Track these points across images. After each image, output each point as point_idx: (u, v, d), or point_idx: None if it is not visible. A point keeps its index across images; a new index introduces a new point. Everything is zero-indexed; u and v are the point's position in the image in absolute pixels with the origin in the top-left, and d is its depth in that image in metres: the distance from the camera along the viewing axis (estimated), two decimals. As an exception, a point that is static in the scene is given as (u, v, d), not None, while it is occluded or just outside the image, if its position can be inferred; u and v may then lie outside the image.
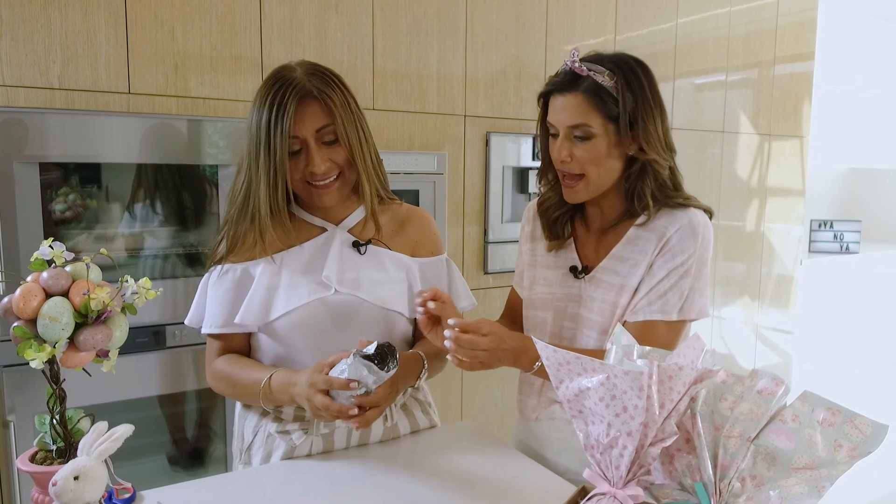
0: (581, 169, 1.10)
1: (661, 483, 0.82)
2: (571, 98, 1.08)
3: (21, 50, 1.76)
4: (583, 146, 1.09)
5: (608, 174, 1.12)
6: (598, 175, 1.11)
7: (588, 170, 1.10)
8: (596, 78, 1.07)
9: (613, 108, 1.07)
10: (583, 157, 1.09)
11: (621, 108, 1.07)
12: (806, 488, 0.73)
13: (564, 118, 1.09)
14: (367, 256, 1.16)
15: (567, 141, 1.10)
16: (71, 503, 0.78)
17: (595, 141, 1.08)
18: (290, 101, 1.05)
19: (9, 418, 1.81)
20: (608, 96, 1.07)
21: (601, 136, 1.08)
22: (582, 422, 0.80)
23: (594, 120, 1.08)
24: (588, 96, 1.07)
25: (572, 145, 1.09)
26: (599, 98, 1.07)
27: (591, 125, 1.08)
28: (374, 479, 1.07)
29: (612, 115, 1.08)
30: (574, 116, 1.08)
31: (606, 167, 1.11)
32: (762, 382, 0.83)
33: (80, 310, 0.82)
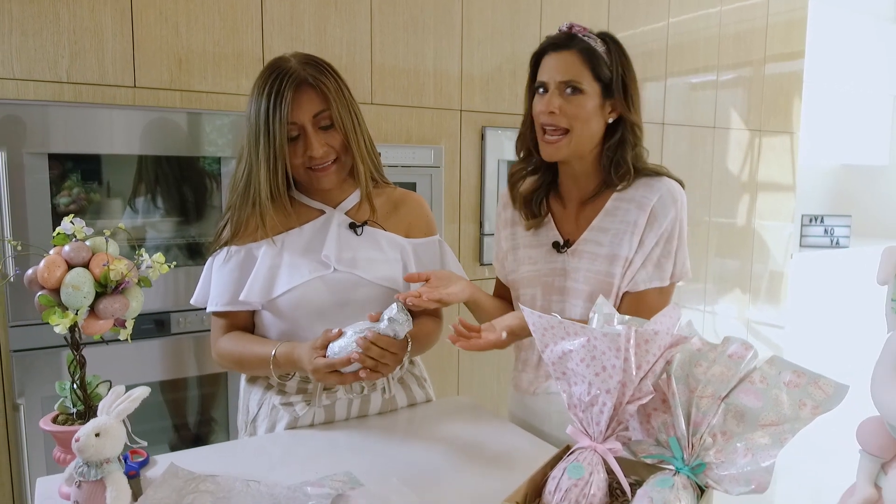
0: (567, 123, 1.15)
1: (638, 439, 0.88)
2: (567, 54, 1.14)
3: (31, 45, 1.82)
4: (571, 100, 1.14)
5: (590, 135, 1.17)
6: (581, 132, 1.16)
7: (573, 125, 1.15)
8: (589, 41, 1.14)
9: (605, 71, 1.14)
10: (570, 111, 1.14)
11: (614, 72, 1.14)
12: (770, 440, 0.80)
13: (557, 73, 1.15)
14: (363, 237, 1.22)
15: (557, 95, 1.15)
16: (92, 458, 0.84)
17: (584, 97, 1.14)
18: (287, 89, 1.11)
19: (18, 401, 1.87)
20: (600, 59, 1.14)
21: (590, 94, 1.14)
22: (566, 383, 0.87)
23: (585, 77, 1.14)
24: (582, 55, 1.14)
25: (562, 99, 1.15)
26: (592, 58, 1.14)
27: (581, 81, 1.14)
28: (373, 448, 1.13)
29: (602, 77, 1.14)
30: (567, 72, 1.14)
31: (590, 127, 1.16)
32: (733, 347, 0.89)
33: (100, 280, 0.88)
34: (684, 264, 1.20)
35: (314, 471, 1.01)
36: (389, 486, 0.97)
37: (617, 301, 1.18)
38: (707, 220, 3.48)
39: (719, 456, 0.82)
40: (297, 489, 0.93)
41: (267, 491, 0.93)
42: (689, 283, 3.46)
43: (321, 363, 1.03)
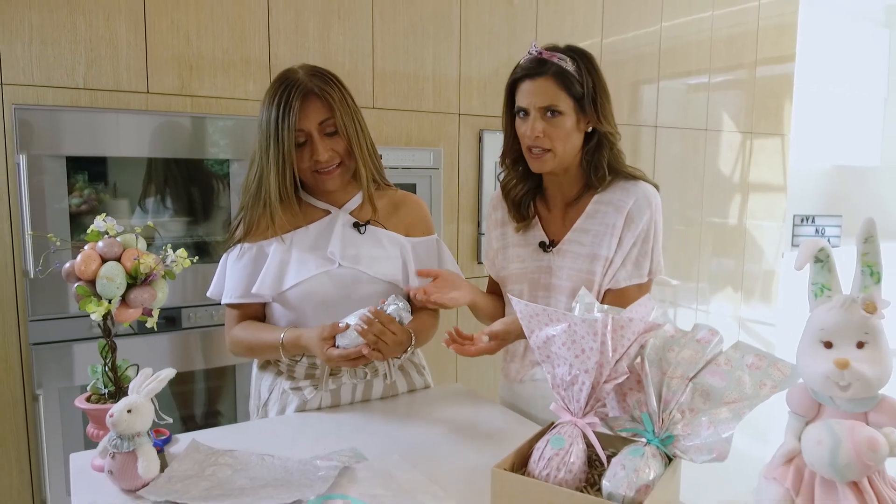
0: (550, 144, 1.26)
1: (615, 416, 0.98)
2: (542, 81, 1.24)
3: (50, 53, 1.92)
4: (552, 122, 1.25)
5: (572, 148, 1.28)
6: (563, 149, 1.26)
7: (556, 145, 1.25)
8: (561, 63, 1.23)
9: (577, 89, 1.24)
10: (553, 133, 1.25)
11: (585, 88, 1.23)
12: (730, 414, 0.89)
13: (537, 100, 1.25)
14: (366, 235, 1.32)
15: (539, 120, 1.25)
16: (125, 431, 0.93)
17: (563, 118, 1.25)
18: (295, 99, 1.21)
19: (37, 392, 1.96)
20: (573, 78, 1.23)
21: (568, 112, 1.25)
22: (550, 365, 0.96)
23: (562, 100, 1.24)
24: (556, 79, 1.23)
25: (544, 123, 1.25)
26: (566, 80, 1.23)
27: (559, 104, 1.24)
28: (376, 428, 1.22)
29: (576, 95, 1.24)
30: (545, 98, 1.24)
31: (571, 142, 1.27)
32: (701, 333, 0.99)
33: (131, 273, 0.98)
34: (659, 262, 1.31)
35: (322, 447, 1.11)
36: (391, 461, 1.07)
37: (599, 297, 1.28)
38: (700, 220, 3.57)
39: (686, 429, 0.91)
40: (308, 462, 1.03)
41: (280, 464, 1.03)
42: (682, 283, 3.56)
43: (335, 353, 1.14)
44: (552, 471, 0.89)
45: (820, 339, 0.57)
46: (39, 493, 2.02)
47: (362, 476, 1.00)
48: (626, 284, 1.27)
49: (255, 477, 0.98)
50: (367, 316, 1.13)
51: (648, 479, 0.85)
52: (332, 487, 0.95)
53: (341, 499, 0.92)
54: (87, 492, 0.96)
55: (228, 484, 0.96)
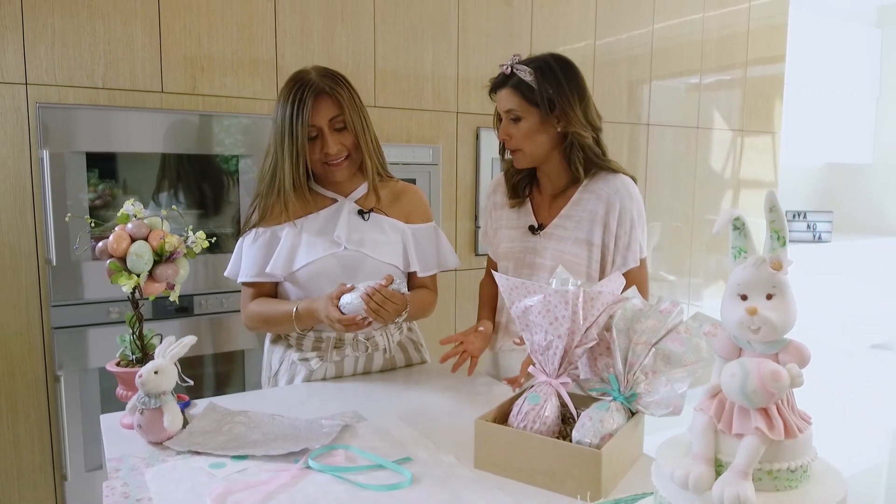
0: (517, 145, 1.42)
1: (586, 377, 1.10)
2: (504, 91, 1.42)
3: (70, 54, 2.04)
4: (516, 126, 1.41)
5: (539, 146, 1.43)
6: (530, 148, 1.42)
7: (522, 144, 1.42)
8: (520, 75, 1.39)
9: (532, 96, 1.39)
10: (516, 134, 1.42)
11: (542, 96, 1.38)
12: (685, 374, 1.01)
13: (501, 106, 1.43)
14: (370, 222, 1.44)
15: (507, 124, 1.43)
16: (152, 390, 1.05)
17: (523, 122, 1.41)
18: (308, 97, 1.34)
19: (58, 373, 2.09)
20: (529, 88, 1.38)
21: (527, 118, 1.40)
22: (528, 333, 1.08)
23: (521, 105, 1.40)
24: (514, 89, 1.40)
25: (509, 126, 1.42)
26: (522, 90, 1.39)
27: (517, 109, 1.40)
28: (376, 396, 1.34)
29: (533, 102, 1.39)
30: (506, 104, 1.42)
31: (536, 141, 1.42)
32: (664, 305, 1.11)
33: (157, 251, 1.10)
34: (642, 245, 1.45)
35: (326, 410, 1.23)
36: (388, 420, 1.19)
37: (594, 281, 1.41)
38: (692, 216, 3.68)
39: (647, 388, 1.03)
40: (314, 421, 1.15)
41: (289, 422, 1.15)
42: (676, 278, 3.67)
43: (335, 315, 1.25)
44: (529, 423, 1.01)
45: (737, 292, 0.69)
46: (60, 468, 2.14)
47: (362, 432, 1.13)
48: (625, 269, 1.42)
49: (267, 432, 1.11)
50: (372, 288, 1.25)
51: (612, 429, 0.97)
52: (335, 440, 1.07)
53: (343, 448, 1.04)
54: (118, 445, 1.08)
55: (243, 438, 1.08)
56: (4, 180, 2.00)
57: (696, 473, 0.65)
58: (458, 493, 0.93)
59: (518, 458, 0.96)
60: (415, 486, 0.95)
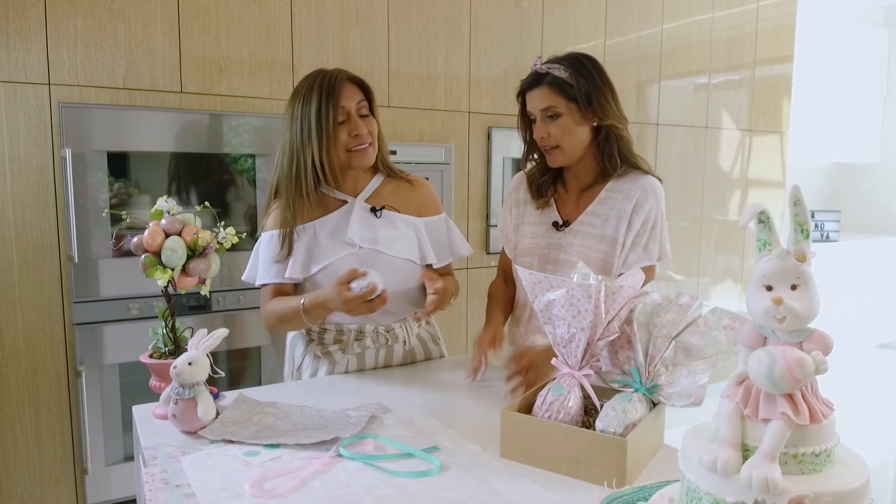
0: (556, 142, 1.43)
1: (608, 370, 1.13)
2: (539, 91, 1.42)
3: (92, 55, 2.08)
4: (554, 124, 1.42)
5: (579, 142, 1.45)
6: (570, 144, 1.44)
7: (561, 141, 1.43)
8: (554, 73, 1.40)
9: (571, 92, 1.40)
10: (555, 132, 1.42)
11: (579, 91, 1.40)
12: (705, 366, 1.04)
13: (538, 105, 1.43)
14: (382, 219, 1.47)
15: (543, 123, 1.43)
16: (186, 381, 1.09)
17: (563, 119, 1.42)
18: (338, 82, 1.40)
19: (80, 368, 2.13)
20: (566, 84, 1.40)
21: (566, 114, 1.42)
22: (551, 326, 1.11)
23: (559, 102, 1.41)
24: (551, 87, 1.41)
25: (547, 125, 1.43)
26: (559, 86, 1.41)
27: (556, 106, 1.41)
28: (397, 388, 1.37)
29: (571, 97, 1.41)
30: (542, 102, 1.42)
31: (576, 137, 1.44)
32: (683, 299, 1.14)
33: (190, 246, 1.13)
34: (665, 246, 1.48)
35: (350, 402, 1.26)
36: (412, 411, 1.22)
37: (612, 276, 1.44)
38: (700, 215, 3.70)
39: (668, 379, 1.06)
40: (341, 412, 1.18)
41: (317, 413, 1.18)
42: (684, 278, 3.69)
43: (351, 295, 1.27)
44: (553, 413, 1.04)
45: (762, 283, 0.71)
46: (81, 462, 2.18)
47: (389, 423, 1.16)
48: (637, 266, 1.43)
49: (297, 422, 1.14)
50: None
51: (635, 419, 1.00)
52: (364, 429, 1.10)
53: (372, 437, 1.07)
54: (152, 435, 1.11)
55: (274, 428, 1.12)
56: (28, 178, 2.03)
57: (724, 457, 0.68)
58: (486, 479, 0.96)
59: (544, 447, 0.99)
60: (444, 473, 0.97)
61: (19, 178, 2.03)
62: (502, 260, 1.66)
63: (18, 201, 2.03)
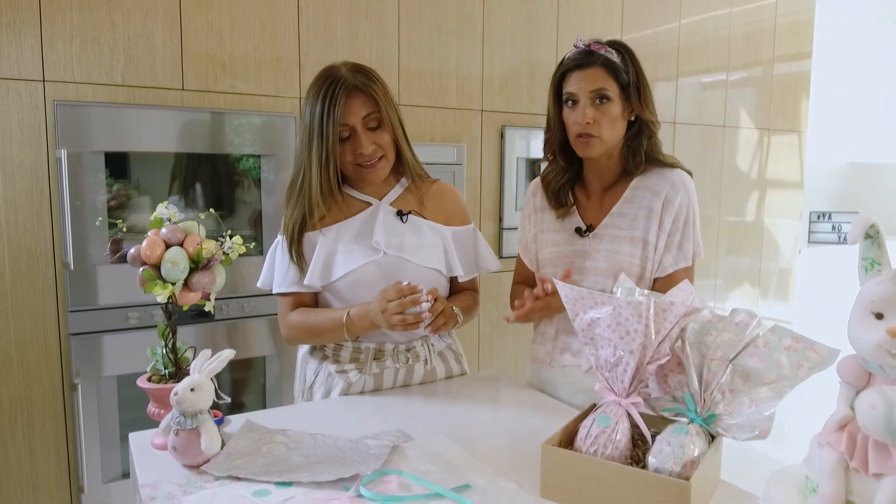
0: (598, 130, 1.32)
1: (657, 396, 1.01)
2: (591, 70, 1.30)
3: (90, 51, 1.97)
4: (602, 109, 1.31)
5: (617, 134, 1.34)
6: (610, 134, 1.33)
7: (603, 130, 1.32)
8: (607, 55, 1.30)
9: (625, 77, 1.30)
10: (601, 119, 1.31)
11: (630, 77, 1.30)
12: (770, 394, 0.93)
13: (587, 85, 1.30)
14: (408, 225, 1.36)
15: (589, 106, 1.31)
16: (188, 409, 0.98)
17: (611, 104, 1.31)
18: (340, 94, 1.25)
19: (75, 381, 2.02)
20: (619, 68, 1.30)
21: (616, 100, 1.31)
22: (593, 347, 1.00)
23: (611, 85, 1.30)
24: (604, 68, 1.30)
25: (592, 109, 1.31)
26: (613, 69, 1.30)
27: (608, 89, 1.30)
28: (418, 411, 1.26)
29: (623, 83, 1.30)
30: (595, 83, 1.30)
31: (617, 128, 1.33)
32: (740, 317, 1.02)
33: (193, 257, 1.02)
34: (699, 243, 1.36)
35: (368, 428, 1.15)
36: (437, 440, 1.11)
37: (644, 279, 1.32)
38: (717, 217, 3.59)
39: (727, 408, 0.95)
40: (359, 441, 1.07)
41: (332, 442, 1.07)
42: (699, 280, 3.58)
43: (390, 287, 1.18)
44: (599, 447, 0.93)
45: (871, 310, 0.60)
46: (76, 480, 2.07)
47: (412, 454, 1.05)
48: (674, 269, 1.32)
49: (310, 454, 1.02)
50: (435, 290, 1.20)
51: (694, 455, 0.88)
52: (385, 463, 0.99)
53: (396, 474, 0.96)
54: (150, 470, 1.00)
55: (285, 461, 1.00)
56: (21, 181, 1.93)
57: (830, 520, 0.57)
58: (527, 525, 0.85)
59: (591, 488, 0.88)
60: (478, 517, 0.86)
61: (12, 181, 1.92)
62: (521, 271, 1.54)
63: (11, 205, 1.92)
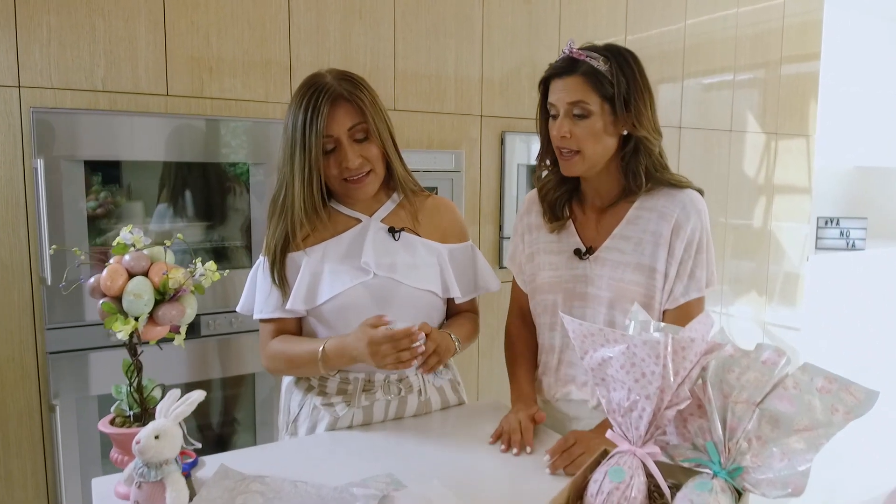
0: (578, 145, 1.19)
1: (675, 443, 0.91)
2: (571, 80, 1.18)
3: (68, 55, 1.87)
4: (581, 124, 1.18)
5: (603, 151, 1.21)
6: (593, 151, 1.20)
7: (584, 146, 1.19)
8: (592, 63, 1.17)
9: (609, 89, 1.17)
10: (580, 133, 1.18)
11: (616, 90, 1.17)
12: (805, 445, 0.83)
13: (564, 96, 1.18)
14: (400, 242, 1.26)
15: (567, 119, 1.19)
16: (152, 459, 0.88)
17: (592, 119, 1.18)
18: (324, 104, 1.15)
19: (53, 402, 1.92)
20: (604, 78, 1.17)
21: (598, 114, 1.18)
22: (604, 388, 0.90)
23: (592, 98, 1.17)
24: (586, 78, 1.17)
25: (571, 123, 1.19)
26: (596, 80, 1.16)
27: (589, 103, 1.17)
28: (411, 449, 1.16)
29: (607, 96, 1.17)
30: (573, 94, 1.17)
31: (602, 144, 1.20)
32: (766, 354, 0.92)
33: (159, 288, 0.92)
34: (713, 272, 1.24)
35: (355, 470, 1.05)
36: (431, 488, 1.00)
37: (653, 309, 1.21)
38: (724, 222, 3.50)
39: (755, 460, 0.85)
40: (344, 490, 0.97)
41: (315, 492, 0.97)
42: (705, 286, 3.48)
43: (379, 334, 1.06)
44: (612, 506, 0.83)
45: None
46: (56, 505, 1.97)
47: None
48: (686, 300, 1.21)
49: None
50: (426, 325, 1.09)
51: (719, 517, 0.78)
52: (373, 519, 0.89)
53: (384, 532, 0.86)
54: (112, 521, 0.91)
55: (262, 514, 0.90)
56: (-6, 193, 1.83)
57: None
58: None
59: (604, 555, 0.78)
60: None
61: (-15, 192, 1.82)
62: (517, 295, 1.42)
63: (-16, 218, 1.82)
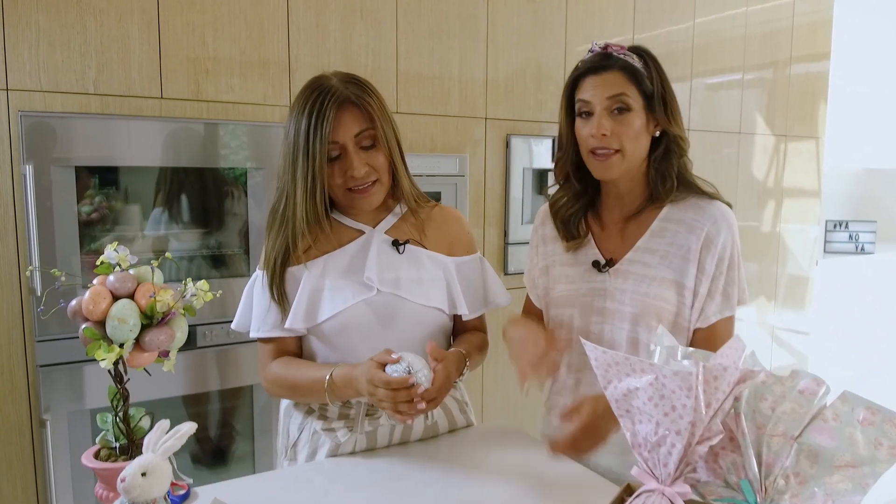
0: (619, 143, 1.12)
1: (706, 480, 0.84)
2: (608, 75, 1.12)
3: (58, 56, 1.80)
4: (620, 119, 1.12)
5: (640, 151, 1.16)
6: (632, 150, 1.14)
7: (625, 143, 1.12)
8: (627, 59, 1.12)
9: (647, 85, 1.12)
10: (620, 130, 1.12)
11: (655, 87, 1.12)
12: (850, 485, 0.76)
13: (602, 91, 1.12)
14: (405, 256, 1.19)
15: (605, 116, 1.12)
16: (138, 498, 0.81)
17: (632, 114, 1.12)
18: (330, 108, 1.08)
19: (44, 417, 1.85)
20: (640, 74, 1.12)
21: (637, 110, 1.12)
22: (629, 421, 0.83)
23: (632, 92, 1.12)
24: (624, 73, 1.12)
25: (610, 119, 1.12)
26: (634, 75, 1.12)
27: (628, 95, 1.11)
28: (416, 477, 1.09)
29: (646, 92, 1.12)
30: (613, 88, 1.11)
31: (640, 143, 1.15)
32: (804, 383, 0.85)
33: (146, 311, 0.86)
34: (744, 289, 1.18)
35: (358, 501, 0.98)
36: (440, 522, 0.94)
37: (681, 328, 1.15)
38: (732, 226, 3.43)
39: (795, 501, 0.78)
40: (346, 527, 0.90)
41: (315, 529, 0.90)
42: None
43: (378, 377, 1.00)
44: (639, 552, 0.76)
45: None
46: (47, 523, 1.91)
47: (410, 545, 0.88)
48: (718, 318, 1.14)
49: (288, 547, 0.86)
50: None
51: (759, 566, 0.71)
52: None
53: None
54: (96, 562, 0.84)
55: (257, 556, 0.84)
56: (-19, 200, 1.76)
57: None
58: None
59: None
60: None
61: (-28, 200, 1.75)
62: (528, 305, 1.36)
63: (-29, 226, 1.75)
